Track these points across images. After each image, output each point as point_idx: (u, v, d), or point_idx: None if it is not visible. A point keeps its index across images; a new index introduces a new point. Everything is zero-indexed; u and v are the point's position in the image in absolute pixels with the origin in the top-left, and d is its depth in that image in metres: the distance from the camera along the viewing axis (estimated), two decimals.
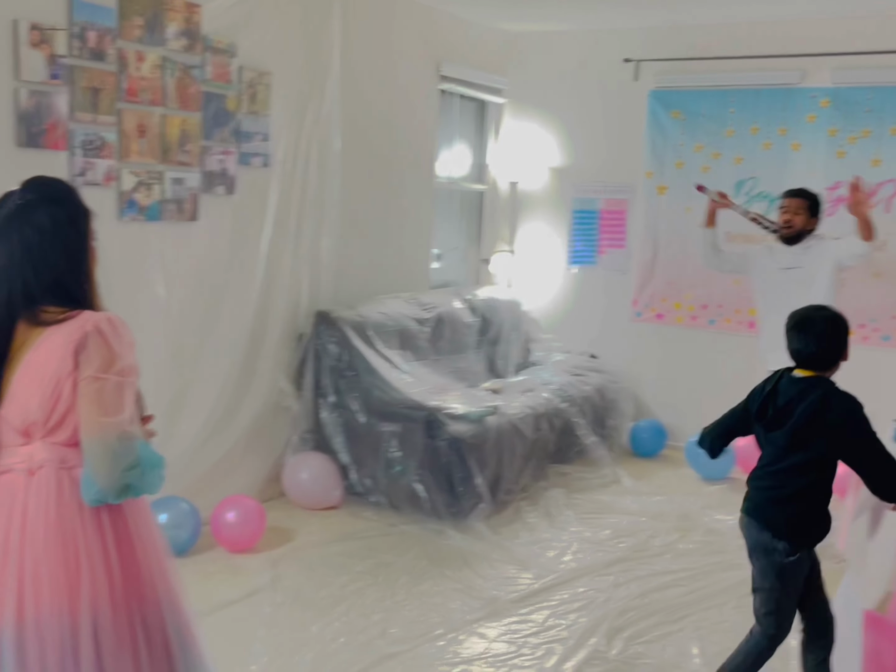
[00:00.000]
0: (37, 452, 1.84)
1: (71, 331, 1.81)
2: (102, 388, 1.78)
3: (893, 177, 5.50)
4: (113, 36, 3.77)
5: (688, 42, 6.02)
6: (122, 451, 1.77)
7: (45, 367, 1.81)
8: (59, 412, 1.82)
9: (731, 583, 4.03)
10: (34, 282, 1.86)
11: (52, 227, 1.88)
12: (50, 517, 1.81)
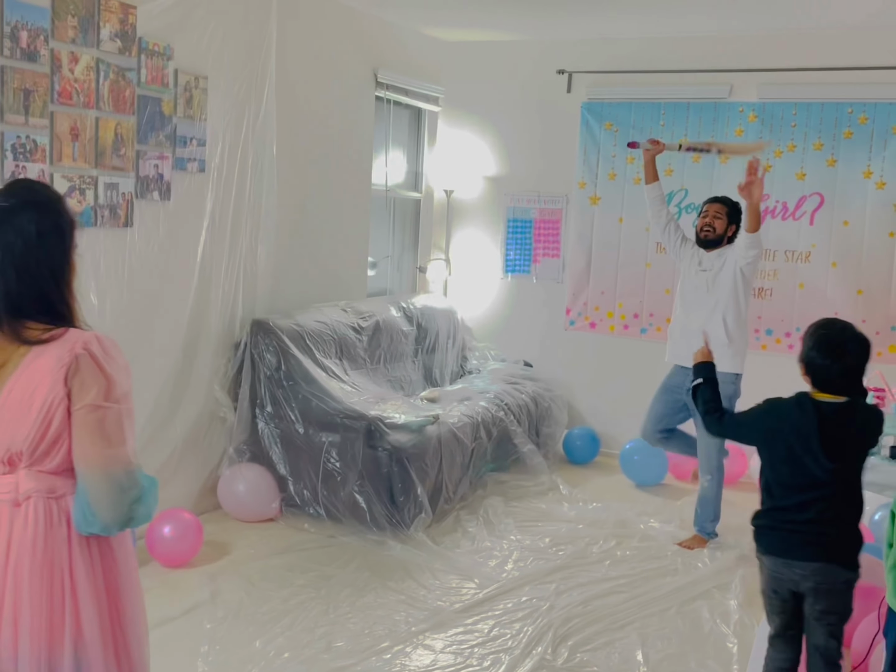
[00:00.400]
0: (22, 482, 1.73)
1: (60, 353, 1.69)
2: (104, 417, 1.69)
3: (817, 190, 5.68)
4: (46, 36, 3.65)
5: (620, 55, 6.13)
6: (129, 484, 1.70)
7: (34, 393, 1.69)
8: (48, 441, 1.71)
9: (670, 588, 4.10)
10: (16, 292, 1.73)
11: (37, 235, 1.75)
12: (37, 551, 1.71)
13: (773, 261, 5.83)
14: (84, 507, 1.70)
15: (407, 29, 6.19)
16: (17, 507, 1.72)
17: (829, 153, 5.64)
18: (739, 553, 4.49)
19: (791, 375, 5.83)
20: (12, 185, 1.84)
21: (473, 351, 6.50)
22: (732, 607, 3.94)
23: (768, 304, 5.88)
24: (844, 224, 5.64)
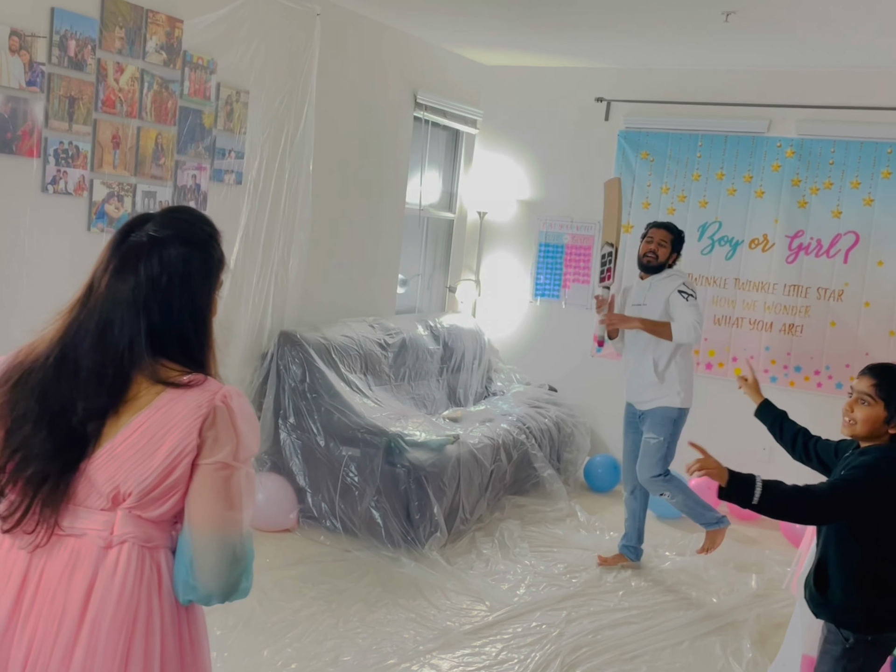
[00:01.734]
0: (119, 524, 1.56)
1: (199, 402, 1.55)
2: (230, 477, 1.55)
3: (853, 228, 5.64)
4: (93, 46, 3.75)
5: (659, 85, 6.14)
6: (242, 553, 1.56)
7: (164, 435, 1.54)
8: (163, 489, 1.54)
9: (683, 622, 4.07)
10: (159, 329, 1.59)
11: (184, 273, 1.60)
12: (122, 603, 1.53)
13: (805, 297, 5.79)
14: (187, 571, 1.56)
15: (447, 51, 6.26)
16: (107, 550, 1.55)
17: (866, 192, 5.60)
18: (754, 591, 4.45)
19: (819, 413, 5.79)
20: (169, 213, 1.69)
21: (499, 373, 6.51)
22: (746, 646, 3.89)
23: (798, 341, 5.83)
24: (879, 264, 5.60)
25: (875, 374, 2.57)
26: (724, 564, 4.80)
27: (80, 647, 1.52)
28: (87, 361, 1.56)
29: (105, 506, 1.56)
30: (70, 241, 3.84)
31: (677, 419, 4.50)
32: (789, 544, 5.15)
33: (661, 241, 4.55)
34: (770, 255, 5.87)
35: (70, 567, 1.54)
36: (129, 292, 1.58)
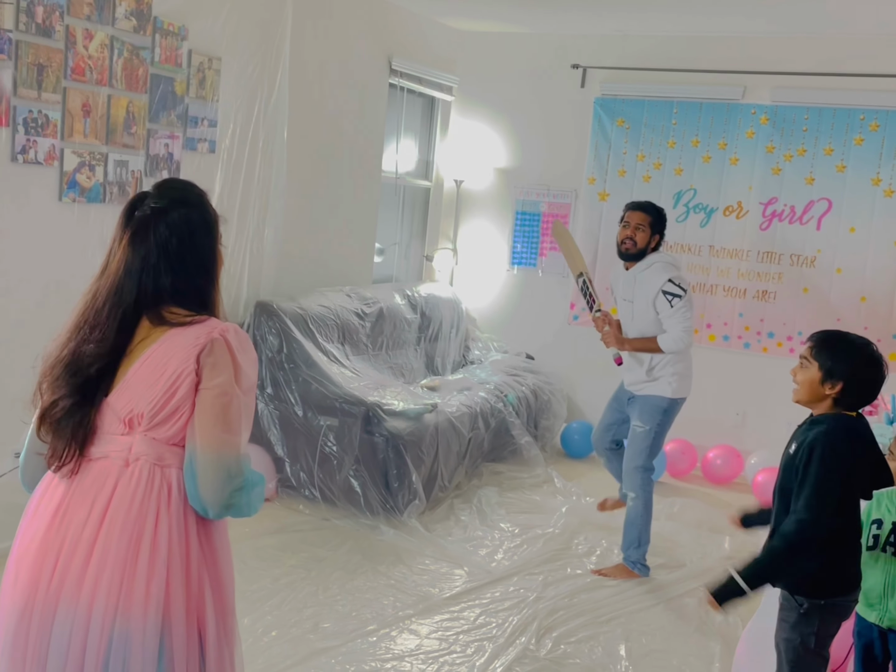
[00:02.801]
0: (136, 444, 1.80)
1: (198, 333, 1.79)
2: (228, 403, 1.76)
3: (826, 195, 5.68)
4: (61, 12, 3.68)
5: (635, 52, 6.13)
6: (237, 472, 1.75)
7: (166, 362, 1.77)
8: (169, 409, 1.78)
9: (657, 584, 4.14)
10: (168, 285, 1.82)
11: (189, 231, 1.85)
12: (132, 512, 1.76)
13: (778, 264, 5.84)
14: (192, 482, 1.76)
15: (423, 17, 6.20)
16: (125, 468, 1.79)
17: (838, 159, 5.64)
18: (728, 554, 4.53)
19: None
20: (161, 185, 1.92)
21: (476, 341, 6.53)
22: None
23: (771, 307, 5.89)
24: (851, 230, 5.65)
25: (814, 338, 2.65)
26: (697, 527, 4.88)
27: (99, 543, 1.75)
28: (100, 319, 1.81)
29: (124, 431, 1.81)
30: (42, 211, 3.79)
31: (668, 409, 4.25)
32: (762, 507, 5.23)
33: (637, 224, 4.17)
34: (744, 222, 5.91)
35: (98, 481, 1.79)
36: (141, 260, 1.82)
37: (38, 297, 3.82)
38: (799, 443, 2.60)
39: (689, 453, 5.80)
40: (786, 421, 5.82)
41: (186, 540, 1.79)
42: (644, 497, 4.24)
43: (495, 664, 3.35)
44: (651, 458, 4.32)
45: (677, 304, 4.10)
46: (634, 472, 4.26)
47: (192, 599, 1.78)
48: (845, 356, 2.58)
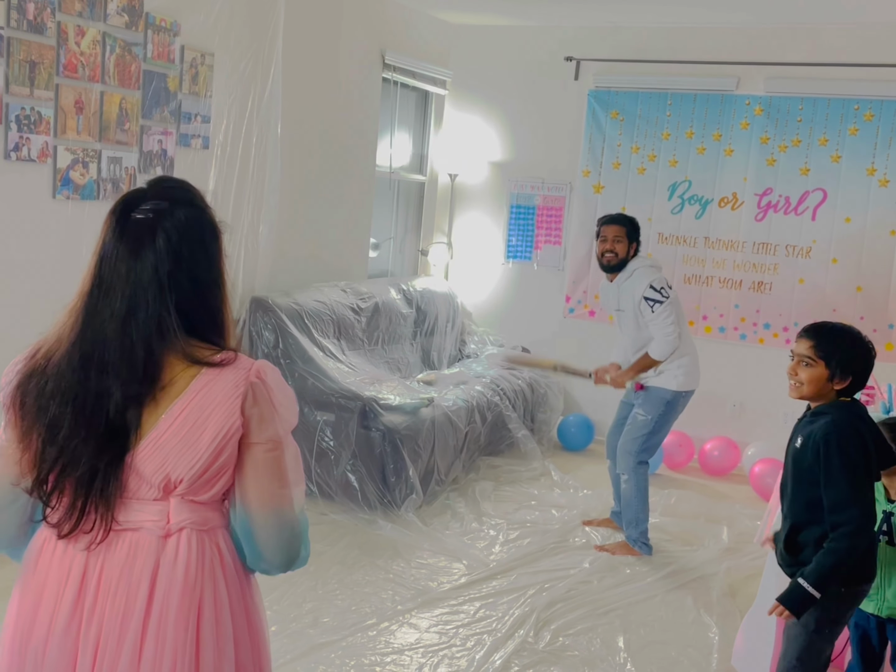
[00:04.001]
0: (175, 512, 1.53)
1: (236, 379, 1.52)
2: (282, 456, 1.55)
3: (820, 185, 5.68)
4: (53, 9, 3.67)
5: (629, 43, 6.12)
6: (298, 526, 1.57)
7: (207, 420, 1.50)
8: (213, 471, 1.53)
9: (655, 577, 4.14)
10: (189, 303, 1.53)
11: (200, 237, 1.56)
12: (187, 589, 1.52)
13: (773, 255, 5.85)
14: (251, 547, 1.58)
15: (416, 11, 6.19)
16: (165, 539, 1.53)
17: (833, 149, 5.64)
18: (725, 545, 4.54)
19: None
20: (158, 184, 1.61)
21: (472, 335, 6.53)
22: (716, 597, 3.98)
23: (767, 298, 5.90)
24: (846, 221, 5.65)
25: (812, 335, 2.62)
26: (695, 519, 4.89)
27: (150, 638, 1.50)
28: (114, 353, 1.49)
29: (157, 496, 1.53)
30: (35, 209, 3.78)
31: (671, 401, 4.33)
32: (759, 498, 5.25)
33: (615, 237, 4.33)
34: (739, 213, 5.91)
35: (130, 560, 1.52)
36: (152, 271, 1.50)
37: (32, 295, 3.81)
38: (806, 435, 2.58)
39: (687, 445, 5.81)
40: (782, 412, 5.89)
41: (246, 607, 1.62)
42: (636, 480, 4.36)
43: (494, 657, 3.35)
44: (647, 449, 4.39)
45: (658, 310, 4.22)
46: (627, 455, 4.39)
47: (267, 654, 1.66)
48: (852, 352, 2.58)
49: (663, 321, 4.20)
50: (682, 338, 4.30)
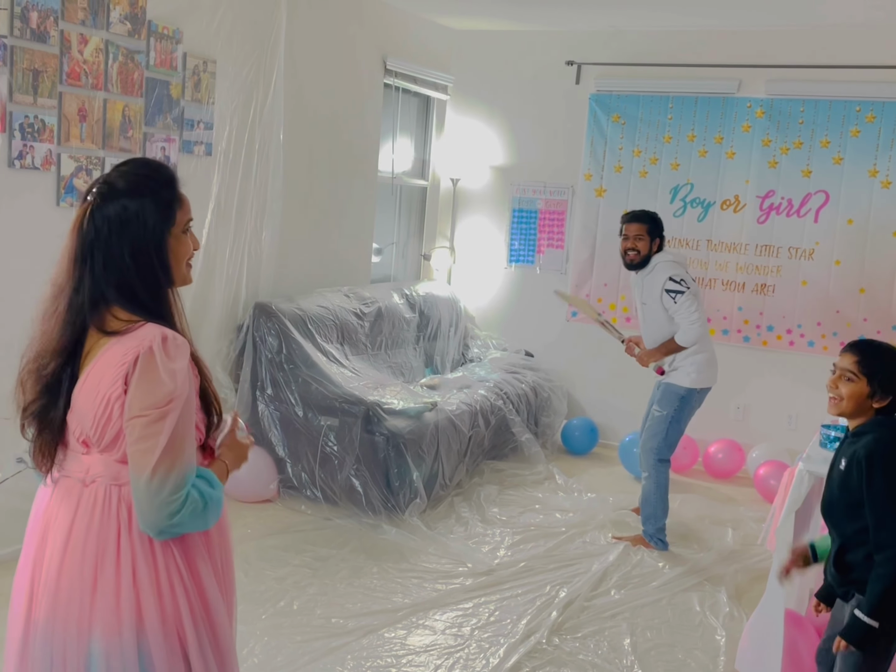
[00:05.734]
0: (93, 465, 1.75)
1: (126, 349, 1.67)
2: (160, 431, 1.64)
3: (823, 187, 5.69)
4: (56, 17, 3.68)
5: (629, 47, 6.13)
6: (158, 492, 1.64)
7: (99, 385, 1.69)
8: (111, 434, 1.70)
9: (662, 580, 4.14)
10: (102, 279, 1.72)
11: (122, 218, 1.72)
12: (91, 535, 1.72)
13: (776, 257, 5.85)
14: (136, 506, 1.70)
15: (417, 17, 6.20)
16: (84, 487, 1.75)
17: (835, 151, 5.64)
18: (730, 547, 4.53)
19: (792, 371, 5.87)
20: (114, 167, 1.80)
21: (475, 339, 6.54)
22: (723, 600, 3.97)
23: (770, 301, 5.90)
24: (849, 222, 5.65)
25: (857, 351, 2.58)
26: (700, 521, 4.89)
27: (65, 566, 1.73)
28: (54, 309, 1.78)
29: (82, 450, 1.76)
30: (39, 216, 3.79)
31: (685, 397, 4.44)
32: (764, 500, 5.24)
33: (636, 235, 4.45)
34: (741, 215, 5.91)
35: (61, 501, 1.77)
36: (79, 248, 1.73)
37: (37, 302, 3.82)
38: (849, 457, 2.52)
39: (691, 448, 5.80)
40: (787, 414, 5.89)
41: (153, 557, 1.73)
42: (656, 477, 4.48)
43: (507, 660, 3.34)
44: (667, 446, 4.50)
45: (680, 300, 4.34)
46: (649, 452, 4.52)
47: (166, 613, 1.73)
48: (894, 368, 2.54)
49: (687, 309, 4.34)
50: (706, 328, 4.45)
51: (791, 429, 5.82)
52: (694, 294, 4.38)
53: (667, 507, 4.51)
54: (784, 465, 5.15)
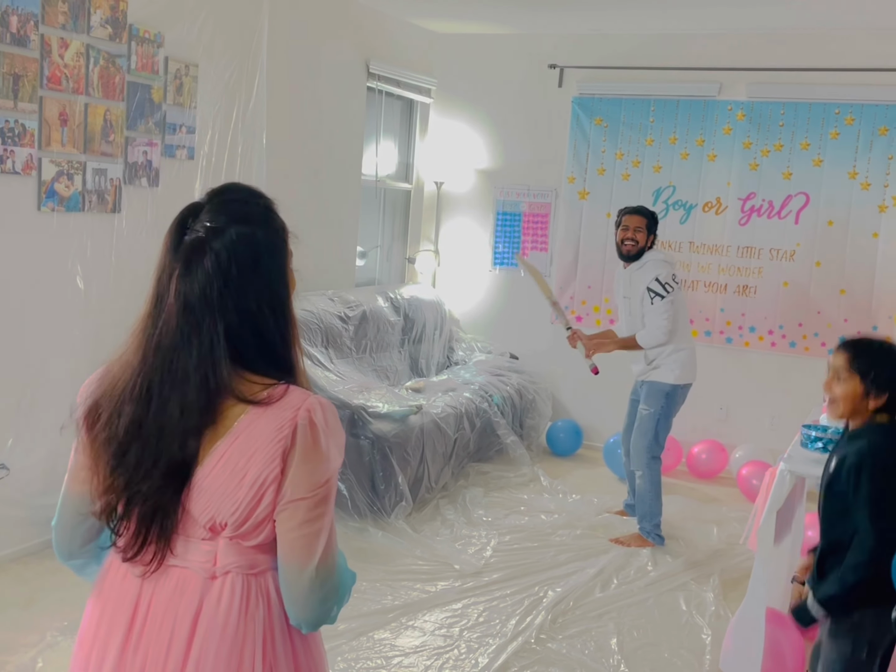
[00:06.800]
0: (223, 554, 1.47)
1: (281, 422, 1.41)
2: (324, 514, 1.44)
3: (803, 189, 5.73)
4: (36, 21, 3.67)
5: (612, 51, 6.16)
6: (332, 586, 1.46)
7: (248, 465, 1.41)
8: (256, 519, 1.43)
9: (648, 580, 4.16)
10: (237, 327, 1.43)
11: (253, 255, 1.45)
12: (228, 633, 1.45)
13: (758, 259, 5.89)
14: (286, 597, 1.48)
15: (399, 20, 6.21)
16: (211, 581, 1.47)
17: (815, 153, 5.69)
18: (715, 547, 4.56)
19: (774, 372, 5.91)
20: (217, 196, 1.50)
21: (460, 342, 6.54)
22: (709, 599, 4.00)
23: (752, 302, 5.93)
24: (829, 224, 5.70)
25: (849, 349, 2.54)
26: (685, 521, 4.91)
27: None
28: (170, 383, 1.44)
29: (206, 536, 1.47)
30: (20, 221, 3.77)
31: (670, 393, 4.54)
32: (747, 500, 5.27)
33: (636, 227, 4.55)
34: (723, 217, 5.95)
35: (177, 597, 1.48)
36: (201, 293, 1.42)
37: (18, 307, 3.80)
38: (840, 459, 2.48)
39: (675, 449, 5.82)
40: (769, 415, 5.92)
41: (293, 652, 1.52)
42: (649, 475, 4.56)
43: (495, 660, 3.35)
44: (657, 443, 4.58)
45: (657, 303, 4.44)
46: (641, 451, 4.59)
47: None
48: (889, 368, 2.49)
49: (659, 315, 4.43)
50: (680, 333, 4.52)
51: (773, 429, 5.86)
52: (671, 302, 4.45)
53: (661, 503, 4.60)
54: (766, 465, 5.17)
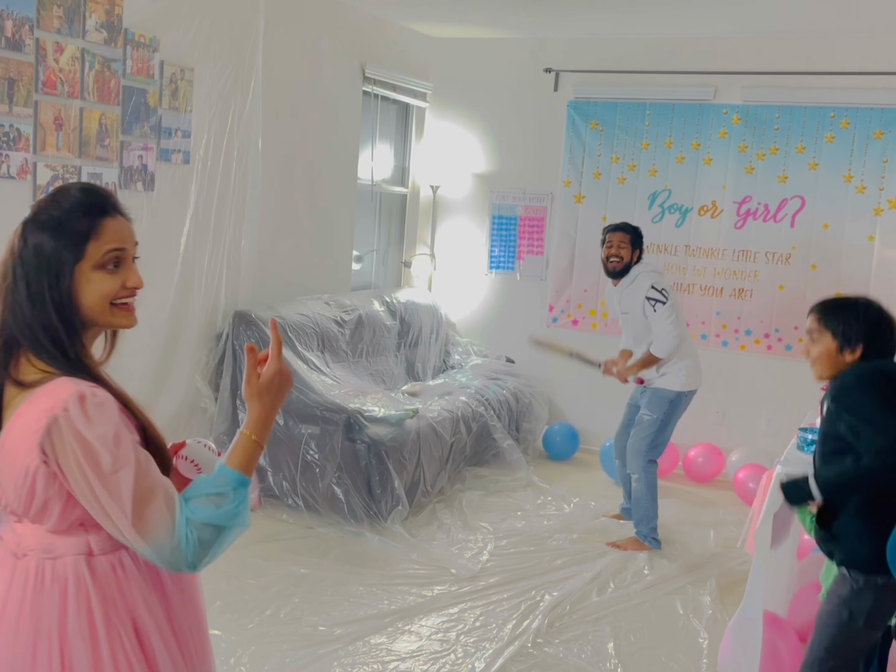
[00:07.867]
0: (23, 536, 1.55)
1: (39, 412, 1.44)
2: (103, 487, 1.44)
3: (799, 192, 5.74)
4: (31, 26, 3.66)
5: (607, 54, 6.17)
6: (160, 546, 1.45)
7: (15, 453, 1.46)
8: (38, 504, 1.48)
9: (645, 584, 4.16)
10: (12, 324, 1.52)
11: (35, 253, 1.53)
12: (23, 614, 1.52)
13: (753, 262, 5.89)
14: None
15: (395, 24, 6.22)
16: (17, 560, 1.55)
17: (810, 156, 5.70)
18: (712, 550, 4.56)
19: (769, 375, 5.91)
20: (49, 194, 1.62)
21: (456, 346, 6.54)
22: (706, 603, 3.99)
23: (748, 305, 5.94)
24: (825, 227, 5.70)
25: (818, 309, 2.65)
26: (681, 525, 4.91)
27: None
28: None
29: (15, 518, 1.54)
30: (15, 226, 3.75)
31: (674, 400, 4.57)
32: (743, 504, 5.27)
33: (620, 243, 4.59)
34: (719, 221, 5.96)
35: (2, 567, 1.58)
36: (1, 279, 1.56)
37: None
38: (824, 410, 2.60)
39: (671, 452, 5.82)
40: (766, 418, 5.92)
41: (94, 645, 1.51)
42: (646, 478, 4.56)
43: (492, 664, 3.34)
44: (655, 448, 4.59)
45: (660, 309, 4.48)
46: (637, 455, 4.59)
47: None
48: (856, 319, 2.56)
49: (665, 320, 4.46)
50: (682, 340, 4.54)
51: (769, 432, 5.86)
52: (672, 306, 4.50)
53: (657, 507, 4.61)
54: (763, 469, 5.18)
